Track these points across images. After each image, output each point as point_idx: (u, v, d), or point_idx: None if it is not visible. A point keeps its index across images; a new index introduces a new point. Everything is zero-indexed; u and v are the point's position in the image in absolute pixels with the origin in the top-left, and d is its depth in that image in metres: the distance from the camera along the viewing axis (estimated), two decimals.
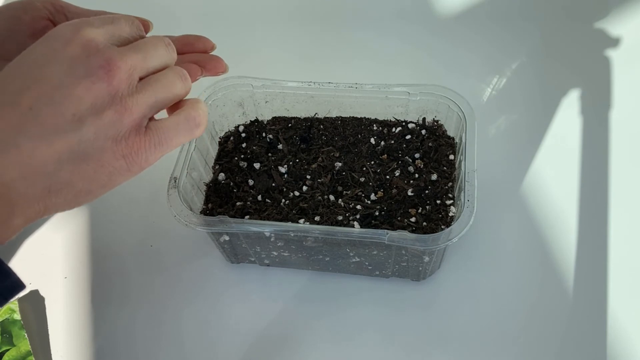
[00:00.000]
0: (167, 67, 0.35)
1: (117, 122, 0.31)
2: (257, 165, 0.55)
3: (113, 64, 0.31)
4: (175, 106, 0.36)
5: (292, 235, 0.47)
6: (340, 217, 0.50)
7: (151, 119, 0.34)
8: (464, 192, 0.46)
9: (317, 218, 0.50)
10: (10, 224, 0.29)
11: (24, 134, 0.29)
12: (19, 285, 0.30)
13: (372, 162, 0.54)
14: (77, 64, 0.31)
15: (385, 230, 0.45)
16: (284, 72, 0.57)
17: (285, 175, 0.54)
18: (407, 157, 0.54)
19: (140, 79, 0.33)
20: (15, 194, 0.29)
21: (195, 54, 0.43)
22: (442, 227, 0.49)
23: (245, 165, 0.56)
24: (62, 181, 0.30)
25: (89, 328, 0.55)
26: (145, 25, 0.42)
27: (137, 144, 0.32)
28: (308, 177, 0.54)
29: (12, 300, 0.30)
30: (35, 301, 0.56)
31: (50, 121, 0.30)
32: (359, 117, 0.57)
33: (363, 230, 0.46)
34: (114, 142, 0.31)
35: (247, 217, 0.51)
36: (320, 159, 0.55)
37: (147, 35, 0.38)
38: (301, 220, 0.50)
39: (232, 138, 0.58)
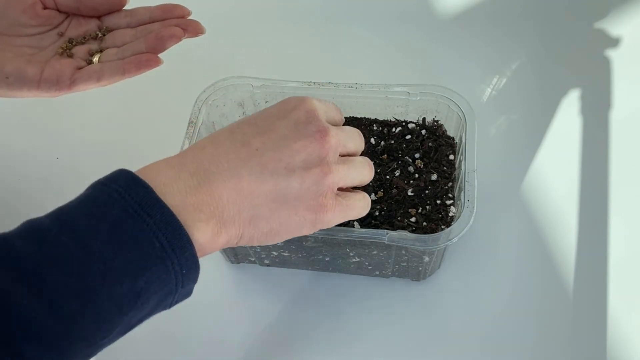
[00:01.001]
0: (358, 153, 0.42)
1: (320, 181, 0.36)
2: None
3: (328, 133, 0.38)
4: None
5: None
6: None
7: (340, 191, 0.39)
8: (464, 192, 0.46)
9: None
10: (217, 239, 0.34)
11: (247, 168, 0.35)
12: (189, 293, 0.36)
13: (372, 162, 0.54)
14: (300, 125, 0.37)
15: (385, 230, 0.45)
16: (284, 72, 0.57)
17: None
18: (407, 157, 0.54)
19: (340, 155, 0.39)
20: (226, 215, 0.34)
21: (175, 20, 0.47)
22: (442, 227, 0.49)
23: None
24: (262, 216, 0.36)
25: None
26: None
27: (329, 205, 0.37)
28: None
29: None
30: None
31: (270, 163, 0.36)
32: (359, 117, 0.57)
33: (363, 230, 0.46)
34: (312, 197, 0.37)
35: None
36: None
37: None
38: None
39: None
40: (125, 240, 0.29)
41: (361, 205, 0.41)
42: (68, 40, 0.47)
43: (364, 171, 0.41)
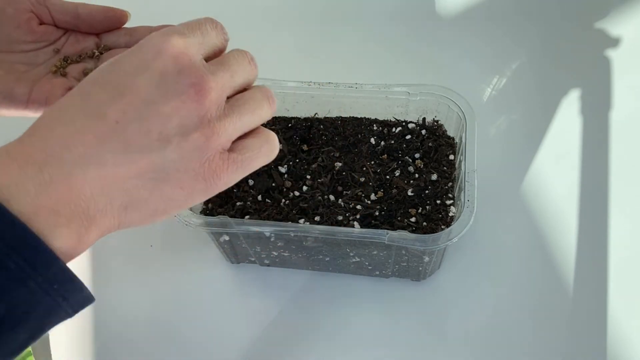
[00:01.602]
0: (251, 83, 0.35)
1: (203, 146, 0.30)
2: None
3: (205, 83, 0.30)
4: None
5: (292, 235, 0.47)
6: (340, 217, 0.50)
7: (236, 141, 0.33)
8: (464, 192, 0.46)
9: (317, 218, 0.50)
10: (86, 238, 0.29)
11: (108, 150, 0.28)
12: (89, 299, 0.30)
13: (372, 162, 0.54)
14: (168, 79, 0.30)
15: (385, 230, 0.45)
16: (284, 72, 0.57)
17: (285, 175, 0.54)
18: (407, 157, 0.54)
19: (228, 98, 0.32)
20: (93, 209, 0.29)
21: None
22: (442, 227, 0.49)
23: None
24: (140, 199, 0.30)
25: (89, 328, 0.55)
26: (123, 15, 0.44)
27: (220, 168, 0.31)
28: (308, 177, 0.54)
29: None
30: None
31: (136, 139, 0.29)
32: (359, 117, 0.57)
33: (363, 230, 0.46)
34: (197, 165, 0.30)
35: (247, 217, 0.51)
36: (320, 159, 0.55)
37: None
38: (301, 220, 0.50)
39: None
40: None
41: (265, 151, 0.34)
42: (63, 59, 0.45)
43: (261, 111, 0.34)
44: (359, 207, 0.51)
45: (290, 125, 0.58)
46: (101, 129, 0.29)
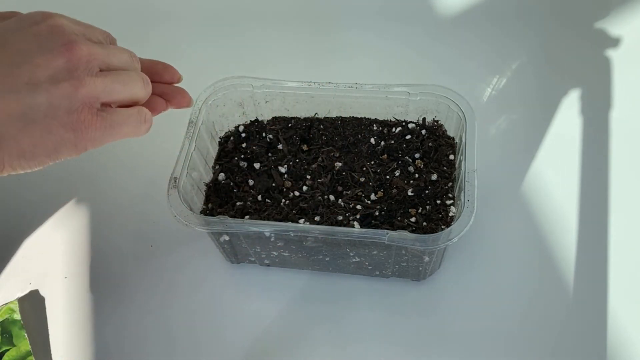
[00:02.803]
0: (127, 69, 0.37)
1: (72, 95, 0.33)
2: (257, 165, 0.55)
3: (75, 45, 0.34)
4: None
5: (292, 235, 0.47)
6: (340, 217, 0.50)
7: (108, 107, 0.36)
8: (464, 192, 0.46)
9: (317, 218, 0.50)
10: None
11: None
12: None
13: (372, 162, 0.54)
14: (41, 37, 0.34)
15: (385, 230, 0.45)
16: (284, 72, 0.57)
17: (285, 175, 0.54)
18: (407, 157, 0.54)
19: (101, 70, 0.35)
20: None
21: (161, 85, 0.44)
22: (442, 227, 0.49)
23: (245, 165, 0.56)
24: (9, 136, 0.32)
25: (89, 328, 0.55)
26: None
27: (88, 121, 0.34)
28: (308, 177, 0.54)
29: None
30: (35, 301, 0.56)
31: (7, 80, 0.32)
32: (359, 117, 0.57)
33: (363, 230, 0.46)
34: (65, 113, 0.33)
35: (247, 217, 0.51)
36: (320, 159, 0.55)
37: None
38: (301, 220, 0.50)
39: (232, 138, 0.58)
40: None
41: (133, 120, 0.37)
42: None
43: (134, 85, 0.37)
44: (359, 207, 0.51)
45: (290, 125, 0.58)
46: None
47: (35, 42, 0.34)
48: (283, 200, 0.52)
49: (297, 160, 0.55)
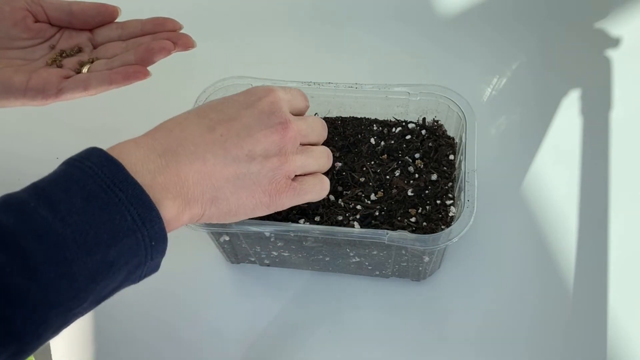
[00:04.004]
0: (319, 143, 0.45)
1: (277, 169, 0.40)
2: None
3: (289, 124, 0.40)
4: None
5: (292, 235, 0.47)
6: (340, 217, 0.50)
7: (298, 176, 0.42)
8: (464, 192, 0.46)
9: (317, 218, 0.50)
10: (181, 217, 0.36)
11: (211, 152, 0.37)
12: (157, 267, 0.37)
13: (372, 162, 0.54)
14: (264, 115, 0.40)
15: (385, 231, 0.45)
16: (284, 72, 0.57)
17: None
18: (407, 157, 0.54)
19: (301, 144, 0.42)
20: (191, 195, 0.36)
21: (166, 33, 0.48)
22: (442, 227, 0.49)
23: None
24: (223, 197, 0.38)
25: (89, 328, 0.55)
26: (114, 11, 0.49)
27: (283, 190, 0.40)
28: None
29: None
30: None
31: (233, 150, 0.38)
32: (359, 117, 0.57)
33: (363, 230, 0.46)
34: (268, 182, 0.39)
35: None
36: None
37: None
38: (301, 220, 0.50)
39: None
40: (99, 214, 0.31)
41: (317, 189, 0.43)
42: (59, 53, 0.48)
43: (321, 160, 0.44)
44: (359, 207, 0.51)
45: None
46: (210, 137, 0.38)
47: (259, 118, 0.40)
48: None
49: None
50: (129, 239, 0.32)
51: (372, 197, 0.51)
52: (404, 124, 0.56)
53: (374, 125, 0.57)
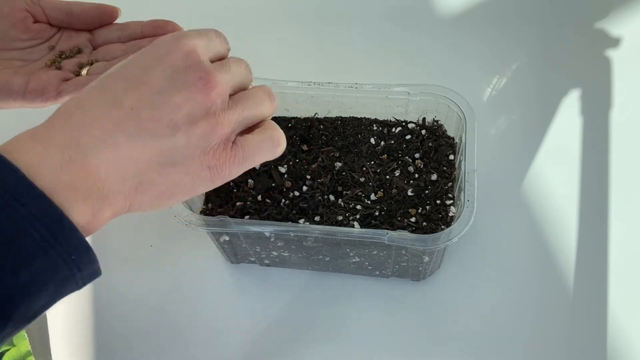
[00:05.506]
0: (246, 87, 0.37)
1: (209, 135, 0.33)
2: (257, 165, 0.55)
3: (212, 78, 0.33)
4: (255, 125, 0.37)
5: (292, 235, 0.47)
6: (340, 217, 0.50)
7: (238, 134, 0.35)
8: (464, 192, 0.46)
9: (317, 218, 0.50)
10: (100, 216, 0.31)
11: (122, 133, 0.31)
12: (98, 272, 0.32)
13: (372, 162, 0.54)
14: (179, 72, 0.32)
15: (385, 230, 0.45)
16: (284, 72, 0.57)
17: (285, 175, 0.54)
18: (407, 157, 0.54)
19: (231, 95, 0.35)
20: (107, 189, 0.31)
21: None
22: (442, 227, 0.49)
23: None
24: (150, 182, 0.32)
25: (89, 328, 0.55)
26: (114, 11, 0.47)
27: (224, 158, 0.34)
28: (308, 177, 0.54)
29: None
30: None
31: (148, 124, 0.31)
32: (359, 117, 0.57)
33: (363, 230, 0.46)
34: (202, 153, 0.33)
35: (247, 217, 0.51)
36: (320, 159, 0.55)
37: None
38: (301, 220, 0.50)
39: None
40: (1, 237, 0.27)
41: (267, 146, 0.36)
42: (58, 54, 0.47)
43: (262, 107, 0.36)
44: (359, 207, 0.51)
45: (290, 125, 0.58)
46: (117, 114, 0.31)
47: (173, 77, 0.32)
48: (283, 200, 0.52)
49: (297, 160, 0.55)
50: (42, 259, 0.28)
51: (372, 197, 0.51)
52: (404, 124, 0.56)
53: (374, 125, 0.57)
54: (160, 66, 0.33)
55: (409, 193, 0.51)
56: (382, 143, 0.55)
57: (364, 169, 0.53)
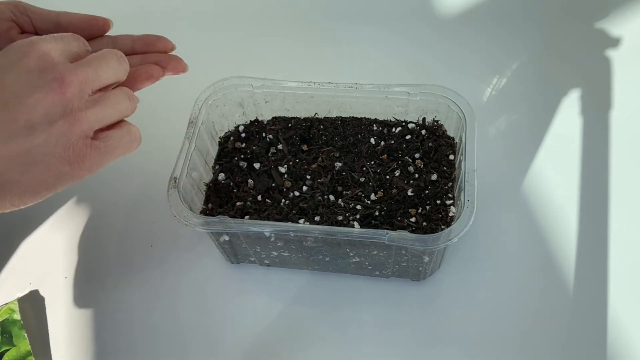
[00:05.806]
0: (120, 80, 0.38)
1: (67, 132, 0.34)
2: (257, 165, 0.55)
3: (66, 77, 0.34)
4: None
5: (292, 235, 0.47)
6: (340, 217, 0.50)
7: (97, 130, 0.37)
8: (464, 192, 0.46)
9: (317, 218, 0.50)
10: None
11: None
12: None
13: (372, 162, 0.54)
14: (32, 74, 0.34)
15: (385, 231, 0.45)
16: (284, 72, 0.57)
17: (285, 175, 0.54)
18: (407, 157, 0.54)
19: (94, 92, 0.36)
20: None
21: (156, 55, 0.45)
22: (442, 227, 0.49)
23: (245, 165, 0.56)
24: (12, 181, 0.33)
25: (89, 328, 0.55)
26: (105, 24, 0.46)
27: (83, 153, 0.35)
28: (308, 177, 0.54)
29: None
30: (35, 301, 0.56)
31: (4, 126, 0.32)
32: (359, 117, 0.57)
33: (363, 230, 0.46)
34: (62, 149, 0.34)
35: (247, 217, 0.51)
36: (320, 159, 0.55)
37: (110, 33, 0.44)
38: (301, 220, 0.50)
39: (232, 138, 0.58)
40: None
41: (125, 141, 0.38)
42: None
43: (121, 106, 0.38)
44: (358, 207, 0.51)
45: (290, 125, 0.58)
46: None
47: (27, 80, 0.34)
48: (283, 200, 0.52)
49: (297, 160, 0.55)
50: None
51: (372, 197, 0.51)
52: (404, 124, 0.56)
53: (374, 125, 0.57)
54: (15, 70, 0.34)
55: (409, 193, 0.51)
56: (382, 143, 0.55)
57: (364, 169, 0.53)
